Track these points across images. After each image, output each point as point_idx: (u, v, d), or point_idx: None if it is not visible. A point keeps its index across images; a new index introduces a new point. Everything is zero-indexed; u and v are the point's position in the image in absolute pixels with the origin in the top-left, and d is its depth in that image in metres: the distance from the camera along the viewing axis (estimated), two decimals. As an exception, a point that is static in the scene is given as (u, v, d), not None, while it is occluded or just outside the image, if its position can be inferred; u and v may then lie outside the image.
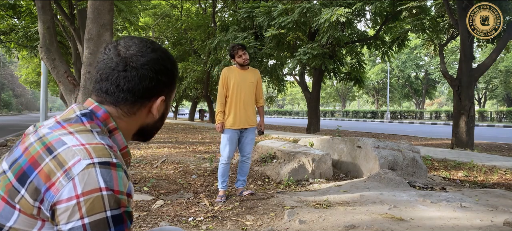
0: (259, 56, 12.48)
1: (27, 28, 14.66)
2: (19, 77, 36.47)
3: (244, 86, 3.82)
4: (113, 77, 0.85)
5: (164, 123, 1.60)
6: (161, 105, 0.91)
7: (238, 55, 3.83)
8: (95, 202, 0.69)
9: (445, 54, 23.97)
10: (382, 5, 11.12)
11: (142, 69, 0.85)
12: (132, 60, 0.85)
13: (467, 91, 8.95)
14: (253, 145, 3.99)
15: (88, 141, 0.76)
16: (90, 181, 0.70)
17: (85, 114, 0.83)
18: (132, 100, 0.87)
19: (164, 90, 0.91)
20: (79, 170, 0.70)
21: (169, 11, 23.58)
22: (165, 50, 0.92)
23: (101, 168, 0.71)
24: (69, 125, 0.80)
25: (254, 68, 4.03)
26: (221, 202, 3.62)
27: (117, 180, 0.72)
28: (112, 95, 0.86)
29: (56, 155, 0.73)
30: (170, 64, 0.91)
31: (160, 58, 0.88)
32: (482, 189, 4.19)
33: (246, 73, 3.89)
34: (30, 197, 0.71)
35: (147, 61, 0.86)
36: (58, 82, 5.36)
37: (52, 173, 0.71)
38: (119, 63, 0.85)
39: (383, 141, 5.15)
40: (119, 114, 0.87)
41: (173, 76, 0.93)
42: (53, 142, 0.75)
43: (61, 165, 0.71)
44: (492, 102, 47.78)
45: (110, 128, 0.85)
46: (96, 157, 0.72)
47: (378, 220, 2.79)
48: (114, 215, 0.71)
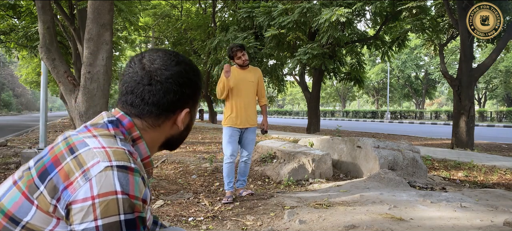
0: (259, 56, 12.48)
1: (27, 28, 14.65)
2: (19, 77, 36.48)
3: (244, 86, 3.76)
4: (138, 90, 0.87)
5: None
6: (186, 117, 0.92)
7: (237, 57, 3.78)
8: (110, 205, 0.70)
9: (445, 54, 23.97)
10: (382, 5, 11.12)
11: (167, 83, 0.87)
12: (156, 74, 0.86)
13: (467, 91, 8.95)
14: (253, 146, 3.93)
15: (109, 144, 0.77)
16: (107, 183, 0.71)
17: (112, 121, 0.86)
18: (157, 113, 0.88)
19: (189, 102, 0.92)
20: (97, 171, 0.72)
21: (169, 11, 23.57)
22: (189, 62, 0.93)
23: (118, 171, 0.72)
24: (95, 129, 0.82)
25: (254, 67, 3.98)
26: (228, 202, 3.56)
27: (134, 185, 0.73)
28: (137, 107, 0.88)
29: (77, 155, 0.75)
30: (194, 76, 0.92)
31: (184, 71, 0.90)
32: (482, 189, 4.19)
33: (246, 72, 3.83)
34: (48, 194, 0.73)
35: (171, 75, 0.87)
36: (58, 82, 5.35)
37: (71, 172, 0.73)
38: (144, 77, 0.87)
39: (383, 141, 5.15)
40: (144, 126, 0.89)
41: (197, 87, 0.94)
42: (76, 143, 0.78)
43: (80, 165, 0.73)
44: (492, 102, 47.78)
45: (134, 136, 0.87)
46: (115, 160, 0.74)
47: (378, 220, 2.79)
48: (128, 220, 0.72)
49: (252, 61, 12.02)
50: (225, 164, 3.75)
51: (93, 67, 4.16)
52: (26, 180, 0.76)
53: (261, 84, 3.92)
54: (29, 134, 12.10)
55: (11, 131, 14.32)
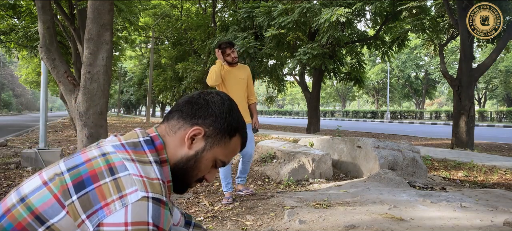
0: (259, 56, 12.48)
1: (27, 28, 14.65)
2: (19, 77, 36.46)
3: (234, 84, 3.72)
4: (182, 105, 0.95)
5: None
6: (198, 141, 0.91)
7: (226, 54, 3.69)
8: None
9: (445, 54, 23.97)
10: (382, 5, 11.12)
11: (211, 103, 0.93)
12: (213, 101, 0.95)
13: (467, 91, 8.95)
14: (253, 144, 3.87)
15: (146, 174, 0.79)
16: (141, 213, 0.74)
17: (147, 141, 0.87)
18: (178, 116, 0.92)
19: (209, 128, 0.92)
20: (134, 200, 0.74)
21: (169, 11, 23.58)
22: (238, 111, 0.99)
23: (153, 204, 0.76)
24: (133, 152, 0.83)
25: (243, 65, 3.93)
26: (228, 203, 3.55)
27: (164, 219, 0.77)
28: (173, 113, 0.94)
29: (116, 178, 0.77)
30: (236, 122, 0.95)
31: (231, 108, 0.96)
32: (482, 189, 4.19)
33: (236, 70, 3.77)
34: (80, 207, 0.75)
35: (222, 102, 0.95)
36: (58, 82, 5.35)
37: (109, 194, 0.75)
38: (195, 98, 0.96)
39: (383, 141, 5.15)
40: (166, 130, 0.92)
41: (226, 127, 0.93)
42: (116, 164, 0.80)
43: (119, 190, 0.76)
44: (492, 102, 47.78)
45: (161, 159, 0.88)
46: (151, 192, 0.77)
47: (378, 220, 2.79)
48: None
49: (252, 61, 12.02)
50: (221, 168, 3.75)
51: (93, 67, 4.16)
52: (59, 184, 0.78)
53: (250, 82, 3.87)
54: (29, 134, 12.10)
55: (11, 131, 14.32)
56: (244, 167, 3.86)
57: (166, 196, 0.80)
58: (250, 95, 3.88)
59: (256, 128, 3.87)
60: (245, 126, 1.00)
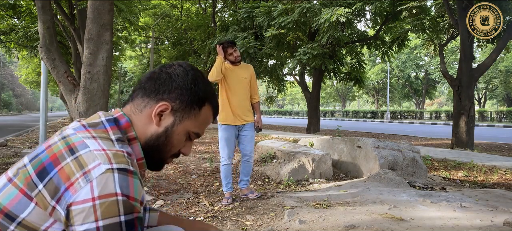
0: (259, 56, 12.48)
1: (27, 28, 14.66)
2: (19, 77, 36.49)
3: (238, 83, 3.67)
4: (144, 81, 0.92)
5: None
6: (166, 117, 0.88)
7: (228, 53, 3.66)
8: (111, 206, 0.71)
9: (445, 54, 23.97)
10: (382, 5, 11.12)
11: (173, 74, 0.91)
12: (176, 72, 0.91)
13: (467, 91, 8.96)
14: (253, 143, 3.80)
15: (109, 147, 0.78)
16: (108, 185, 0.71)
17: (109, 120, 0.86)
18: (142, 94, 0.90)
19: (175, 102, 0.89)
20: (98, 173, 0.72)
21: (169, 11, 23.57)
22: (212, 88, 0.96)
23: (119, 174, 0.73)
24: (94, 130, 0.82)
25: (246, 64, 3.89)
26: (228, 204, 3.51)
27: (133, 187, 0.74)
28: (135, 92, 0.91)
29: (77, 156, 0.75)
30: (203, 88, 0.93)
31: (200, 78, 0.93)
32: (482, 189, 4.19)
33: (238, 69, 3.73)
34: (48, 194, 0.73)
35: (185, 73, 0.91)
36: (58, 82, 5.36)
37: (72, 174, 0.73)
38: (156, 73, 0.93)
39: (383, 141, 5.15)
40: (133, 109, 0.90)
41: (193, 97, 0.90)
42: (76, 144, 0.78)
43: (81, 167, 0.74)
44: (492, 102, 47.78)
45: (129, 137, 0.87)
46: (115, 163, 0.74)
47: (378, 220, 2.79)
48: (127, 221, 0.73)
49: (252, 61, 12.01)
50: (223, 166, 3.67)
51: (93, 67, 4.16)
52: (23, 178, 0.76)
53: (253, 81, 3.82)
54: (29, 134, 12.10)
55: (11, 131, 14.32)
56: (245, 168, 3.78)
57: (135, 167, 0.77)
58: (253, 95, 3.83)
59: (259, 128, 3.81)
60: (214, 94, 0.96)
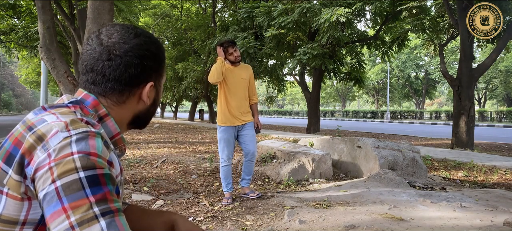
0: (259, 56, 12.48)
1: (27, 28, 14.67)
2: (19, 77, 36.48)
3: (237, 83, 3.65)
4: (98, 67, 0.83)
5: (165, 123, 1.46)
6: (151, 92, 0.90)
7: (229, 53, 3.64)
8: (67, 164, 0.67)
9: (445, 54, 23.98)
10: (382, 5, 11.12)
11: (126, 57, 0.83)
12: (115, 48, 0.83)
13: (467, 91, 8.96)
14: (255, 142, 3.74)
15: (68, 118, 0.74)
16: (64, 148, 0.68)
17: (73, 101, 0.83)
18: (119, 89, 0.85)
19: (152, 76, 0.89)
20: (56, 142, 0.69)
21: (169, 11, 23.58)
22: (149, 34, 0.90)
23: (77, 137, 0.70)
24: (54, 108, 0.79)
25: (246, 64, 3.87)
26: (228, 204, 3.49)
27: (95, 145, 0.70)
28: (99, 85, 0.84)
29: (35, 130, 0.73)
30: (155, 48, 0.89)
31: (144, 43, 0.86)
32: (482, 189, 4.19)
33: (238, 69, 3.71)
34: (15, 173, 0.71)
35: (130, 48, 0.84)
36: (58, 82, 5.36)
37: (32, 147, 0.71)
38: (102, 53, 0.83)
39: (383, 141, 5.15)
40: (109, 104, 0.86)
41: (159, 60, 0.91)
42: (34, 122, 0.75)
43: (40, 139, 0.71)
44: (492, 102, 47.79)
45: (100, 114, 0.85)
46: (73, 129, 0.71)
47: (378, 220, 2.79)
48: (88, 176, 0.67)
49: (252, 61, 12.02)
50: (222, 168, 3.64)
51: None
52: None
53: (252, 82, 3.81)
54: (29, 134, 12.09)
55: (11, 130, 14.31)
56: (247, 167, 3.73)
57: (97, 130, 0.74)
58: (252, 96, 3.81)
59: (259, 129, 3.79)
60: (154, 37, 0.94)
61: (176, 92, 23.71)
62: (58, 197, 0.65)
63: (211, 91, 20.87)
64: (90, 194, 0.66)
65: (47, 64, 5.42)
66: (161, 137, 11.31)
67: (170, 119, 33.13)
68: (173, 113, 34.87)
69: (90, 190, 0.66)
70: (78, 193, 0.65)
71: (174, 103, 31.98)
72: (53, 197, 0.65)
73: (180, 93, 23.59)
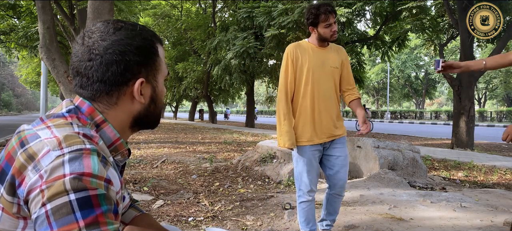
0: (259, 56, 12.48)
1: (27, 28, 14.66)
2: (19, 77, 36.48)
3: (324, 74, 2.29)
4: (82, 69, 0.79)
5: (165, 123, 1.41)
6: (144, 89, 0.83)
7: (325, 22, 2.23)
8: (57, 187, 0.63)
9: (445, 54, 23.97)
10: (382, 5, 11.13)
11: (106, 55, 0.78)
12: (94, 47, 0.78)
13: (467, 91, 8.96)
14: (347, 168, 2.36)
15: (63, 133, 0.70)
16: (56, 169, 0.65)
17: (70, 110, 0.79)
18: (106, 90, 0.80)
19: (141, 71, 0.82)
20: (47, 162, 0.66)
21: (169, 11, 23.59)
22: (132, 26, 0.83)
23: (70, 156, 0.66)
24: (50, 120, 0.76)
25: (337, 45, 2.46)
26: None
27: (88, 164, 0.66)
28: (86, 88, 0.80)
29: (27, 148, 0.69)
30: (140, 41, 0.82)
31: (125, 37, 0.80)
32: (482, 189, 4.19)
33: (327, 52, 2.33)
34: (7, 194, 0.68)
35: (109, 45, 0.78)
36: (58, 82, 5.36)
37: (23, 167, 0.67)
38: (84, 54, 0.79)
39: (383, 141, 5.15)
40: (102, 108, 0.81)
41: (147, 53, 0.83)
42: (27, 136, 0.72)
43: (31, 158, 0.68)
44: (492, 102, 47.80)
45: (97, 121, 0.80)
46: (66, 147, 0.67)
47: (378, 220, 2.79)
48: (80, 198, 0.63)
49: (252, 61, 12.02)
50: (301, 204, 2.34)
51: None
52: None
53: (348, 69, 2.43)
54: (29, 134, 12.09)
55: (11, 131, 14.32)
56: (333, 203, 2.42)
57: (94, 146, 0.71)
58: (348, 89, 2.44)
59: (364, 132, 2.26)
60: (138, 28, 0.85)
61: (176, 92, 23.72)
62: (48, 222, 0.63)
63: (211, 91, 20.87)
64: (80, 218, 0.63)
65: (47, 64, 5.43)
66: (161, 137, 11.31)
67: (170, 118, 33.13)
68: (173, 113, 34.89)
69: (80, 213, 0.63)
70: (68, 217, 0.62)
71: (174, 103, 31.99)
72: (43, 221, 0.63)
73: (180, 93, 23.61)
